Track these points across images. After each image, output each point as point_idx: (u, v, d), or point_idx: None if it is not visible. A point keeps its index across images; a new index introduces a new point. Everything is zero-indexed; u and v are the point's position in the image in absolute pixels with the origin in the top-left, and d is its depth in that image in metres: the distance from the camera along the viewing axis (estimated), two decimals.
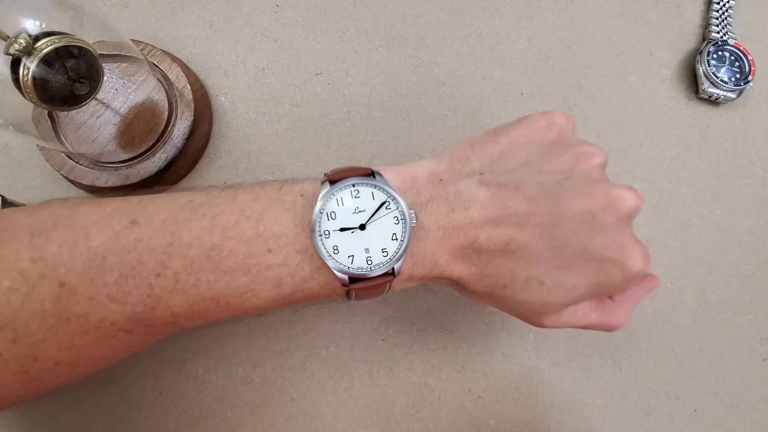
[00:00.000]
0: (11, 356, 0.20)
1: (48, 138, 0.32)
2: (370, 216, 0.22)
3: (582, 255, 0.23)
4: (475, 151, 0.25)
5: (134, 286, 0.21)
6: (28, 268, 0.20)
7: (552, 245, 0.23)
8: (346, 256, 0.22)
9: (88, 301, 0.20)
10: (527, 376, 0.34)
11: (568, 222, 0.22)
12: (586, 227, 0.22)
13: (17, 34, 0.24)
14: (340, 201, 0.22)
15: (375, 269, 0.22)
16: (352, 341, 0.33)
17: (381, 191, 0.23)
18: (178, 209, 0.22)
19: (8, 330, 0.20)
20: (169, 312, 0.22)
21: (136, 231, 0.21)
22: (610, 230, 0.23)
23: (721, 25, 0.41)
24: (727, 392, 0.35)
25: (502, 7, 0.40)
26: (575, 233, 0.22)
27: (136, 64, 0.34)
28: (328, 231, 0.22)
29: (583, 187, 0.23)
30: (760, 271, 0.37)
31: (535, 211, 0.22)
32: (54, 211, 0.22)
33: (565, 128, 0.26)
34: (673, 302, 0.36)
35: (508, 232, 0.23)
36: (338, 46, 0.38)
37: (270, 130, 0.36)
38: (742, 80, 0.39)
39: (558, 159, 0.24)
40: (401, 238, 0.22)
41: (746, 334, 0.36)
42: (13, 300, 0.20)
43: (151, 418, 0.31)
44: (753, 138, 0.40)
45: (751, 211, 0.38)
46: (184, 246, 0.21)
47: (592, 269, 0.23)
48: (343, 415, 0.32)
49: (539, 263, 0.23)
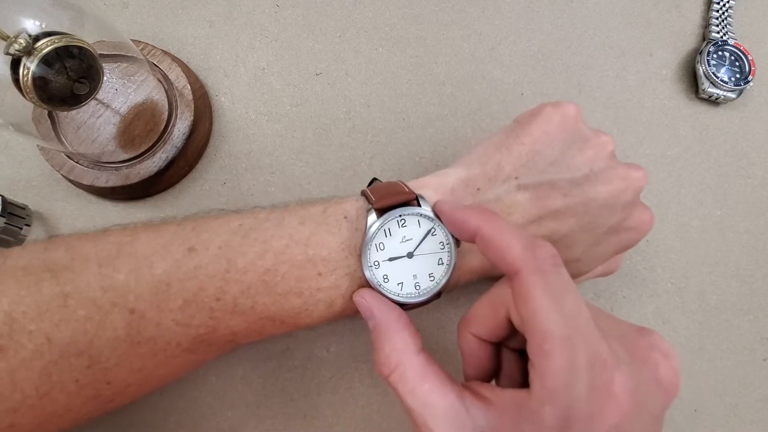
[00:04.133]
0: (87, 381, 0.21)
1: (48, 138, 0.32)
2: (418, 244, 0.24)
3: (609, 231, 0.27)
4: (503, 155, 0.26)
5: (197, 311, 0.22)
6: (100, 297, 0.21)
7: (585, 229, 0.26)
8: (395, 284, 0.23)
9: (156, 326, 0.22)
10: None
11: (597, 208, 0.26)
12: (610, 208, 0.26)
13: (17, 34, 0.24)
14: (387, 232, 0.23)
15: (423, 294, 0.24)
16: (352, 341, 0.33)
17: (426, 219, 0.24)
18: (231, 235, 0.23)
19: (84, 357, 0.21)
20: (229, 331, 0.23)
21: (195, 258, 0.22)
22: (628, 205, 0.27)
23: (721, 25, 0.41)
24: (727, 392, 0.35)
25: (502, 7, 0.40)
26: (603, 215, 0.26)
27: (136, 64, 0.34)
28: (378, 262, 0.23)
29: (604, 175, 0.26)
30: (760, 271, 0.37)
31: (570, 204, 0.25)
32: (116, 239, 0.23)
33: (576, 119, 0.28)
34: (673, 302, 0.36)
35: (549, 226, 0.25)
36: (338, 46, 0.38)
37: (270, 130, 0.36)
38: (742, 80, 0.39)
39: (580, 154, 0.26)
40: (447, 262, 0.24)
41: (746, 334, 0.36)
42: (89, 328, 0.21)
43: (151, 418, 0.31)
44: (753, 138, 0.40)
45: (751, 211, 0.38)
46: (240, 272, 0.22)
47: (616, 239, 0.27)
48: (343, 415, 0.32)
49: (576, 246, 0.26)
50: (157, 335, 0.22)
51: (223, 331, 0.23)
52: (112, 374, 0.22)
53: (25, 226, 0.32)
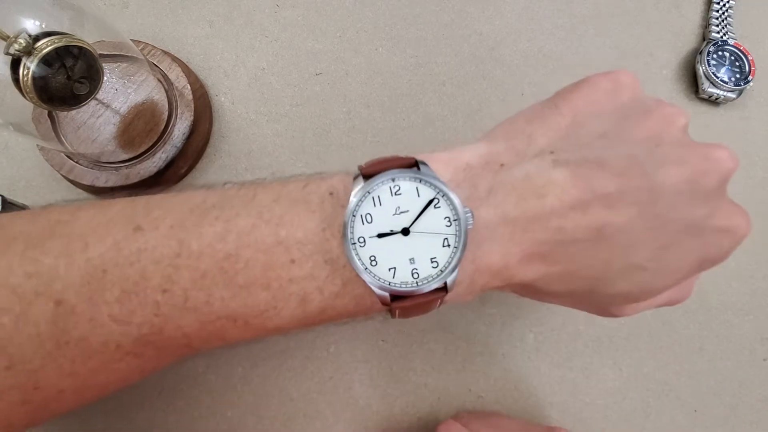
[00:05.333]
0: (8, 385, 0.18)
1: (48, 138, 0.32)
2: (415, 218, 0.18)
3: (686, 230, 0.20)
4: (535, 126, 0.21)
5: (138, 304, 0.18)
6: (22, 285, 0.18)
7: (652, 224, 0.19)
8: (386, 268, 0.18)
9: (88, 322, 0.18)
10: (527, 376, 0.34)
11: (667, 195, 0.19)
12: (687, 198, 0.20)
13: (17, 34, 0.24)
14: (377, 200, 0.19)
15: (423, 284, 0.18)
16: (352, 341, 0.33)
17: (428, 186, 0.19)
18: (188, 212, 0.19)
19: (3, 356, 0.18)
20: (181, 333, 0.19)
21: (139, 239, 0.18)
22: (713, 197, 0.20)
23: (721, 25, 0.41)
24: (727, 392, 0.35)
25: (502, 7, 0.40)
26: (677, 206, 0.19)
27: (136, 64, 0.34)
28: (363, 238, 0.18)
29: (677, 153, 0.20)
30: (760, 271, 0.37)
31: (628, 188, 0.19)
32: (53, 216, 0.19)
33: (634, 87, 0.22)
34: None
35: (599, 215, 0.19)
36: (338, 46, 0.38)
37: (270, 130, 0.36)
38: (742, 80, 0.39)
39: (641, 126, 0.20)
40: (455, 243, 0.18)
41: (746, 334, 0.36)
42: (6, 322, 0.17)
43: (151, 418, 0.31)
44: (753, 138, 0.40)
45: (751, 211, 0.38)
46: (194, 256, 0.18)
47: (698, 244, 0.21)
48: (343, 415, 0.32)
49: (639, 247, 0.20)
50: (90, 334, 0.18)
51: (172, 333, 0.19)
52: (39, 377, 0.18)
53: None
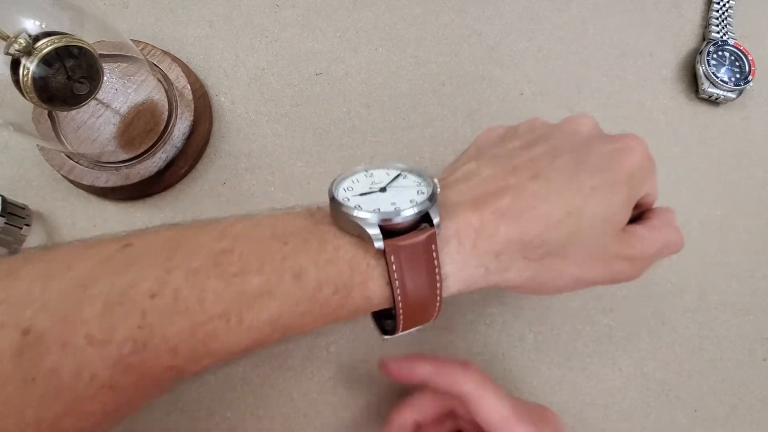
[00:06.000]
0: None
1: (48, 138, 0.32)
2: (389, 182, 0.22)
3: (598, 156, 0.24)
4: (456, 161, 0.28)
5: (122, 316, 0.17)
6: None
7: (570, 157, 0.24)
8: (370, 210, 0.20)
9: (60, 349, 0.16)
10: (527, 376, 0.34)
11: (562, 139, 0.25)
12: (577, 137, 0.25)
13: (17, 34, 0.24)
14: (354, 180, 0.22)
15: (405, 211, 0.20)
16: (352, 341, 0.33)
17: (394, 170, 0.23)
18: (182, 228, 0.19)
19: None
20: (167, 347, 0.17)
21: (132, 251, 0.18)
22: (599, 135, 0.26)
23: (721, 25, 0.41)
24: (727, 392, 0.35)
25: (502, 7, 0.40)
26: (573, 144, 0.25)
27: (136, 64, 0.34)
28: (348, 198, 0.21)
29: (549, 129, 0.26)
30: (760, 271, 0.37)
31: (535, 153, 0.25)
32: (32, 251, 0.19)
33: (502, 131, 0.29)
34: (673, 302, 0.36)
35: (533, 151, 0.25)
36: (338, 46, 0.38)
37: (270, 130, 0.36)
38: (742, 80, 0.39)
39: (518, 136, 0.27)
40: (427, 192, 0.21)
41: (746, 334, 0.36)
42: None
43: (151, 418, 0.31)
44: (753, 138, 0.40)
45: (751, 211, 0.38)
46: (188, 254, 0.18)
47: (603, 159, 0.24)
48: (343, 415, 0.32)
49: (561, 169, 0.24)
50: (61, 364, 0.16)
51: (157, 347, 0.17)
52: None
53: (25, 226, 0.32)
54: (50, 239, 0.33)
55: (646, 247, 0.24)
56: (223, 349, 0.19)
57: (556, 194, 0.22)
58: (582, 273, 0.24)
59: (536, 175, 0.23)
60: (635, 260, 0.24)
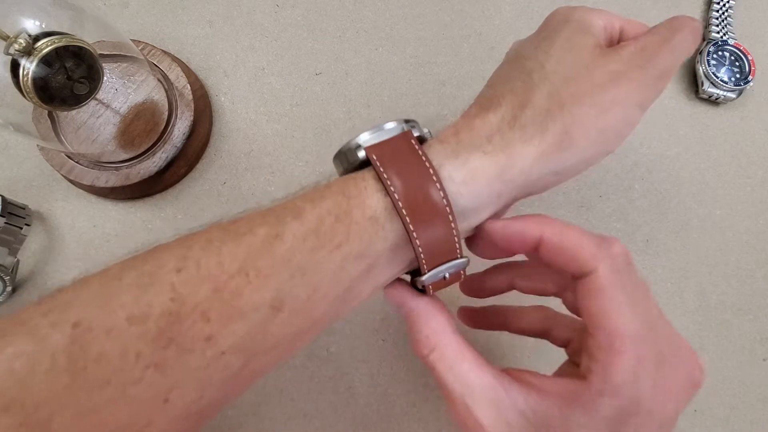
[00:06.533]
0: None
1: (48, 138, 0.32)
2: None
3: (563, 32, 0.25)
4: None
5: (155, 293, 0.18)
6: (38, 324, 0.17)
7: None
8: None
9: (105, 334, 0.17)
10: None
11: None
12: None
13: (17, 34, 0.24)
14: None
15: (387, 124, 0.21)
16: (352, 341, 0.33)
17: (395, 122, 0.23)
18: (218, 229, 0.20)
19: (16, 409, 0.16)
20: (198, 312, 0.18)
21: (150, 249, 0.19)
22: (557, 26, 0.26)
23: (721, 25, 0.41)
24: (727, 392, 0.35)
25: (502, 7, 0.40)
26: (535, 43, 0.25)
27: (136, 64, 0.34)
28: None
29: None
30: (760, 271, 0.37)
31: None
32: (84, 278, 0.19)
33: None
34: (673, 302, 0.36)
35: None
36: (338, 46, 0.38)
37: (270, 130, 0.36)
38: (742, 80, 0.39)
39: None
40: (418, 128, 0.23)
41: (746, 334, 0.36)
42: (18, 367, 0.16)
43: None
44: (753, 138, 0.40)
45: (751, 211, 0.38)
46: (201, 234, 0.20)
47: (564, 33, 0.25)
48: (343, 415, 0.32)
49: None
50: (109, 347, 0.17)
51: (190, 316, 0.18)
52: (53, 425, 0.16)
53: (25, 225, 0.32)
54: (50, 239, 0.33)
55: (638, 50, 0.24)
56: (250, 306, 0.19)
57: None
58: (591, 106, 0.24)
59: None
60: (635, 69, 0.24)
